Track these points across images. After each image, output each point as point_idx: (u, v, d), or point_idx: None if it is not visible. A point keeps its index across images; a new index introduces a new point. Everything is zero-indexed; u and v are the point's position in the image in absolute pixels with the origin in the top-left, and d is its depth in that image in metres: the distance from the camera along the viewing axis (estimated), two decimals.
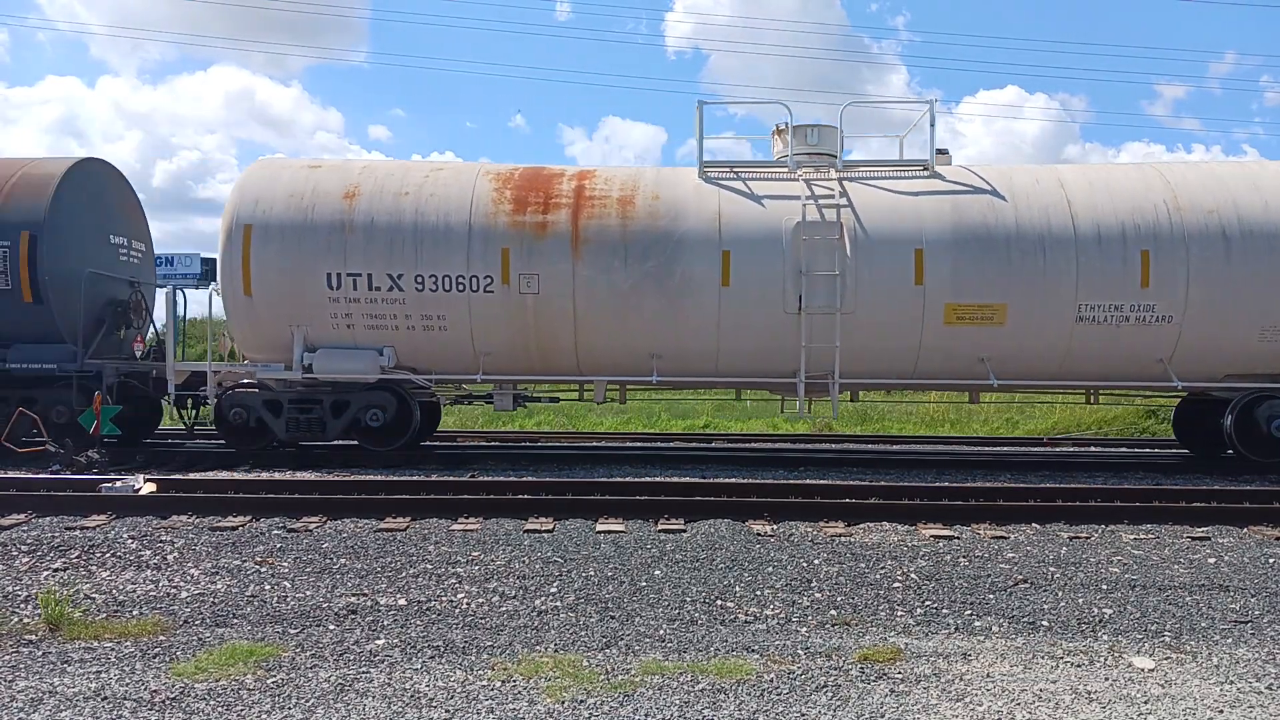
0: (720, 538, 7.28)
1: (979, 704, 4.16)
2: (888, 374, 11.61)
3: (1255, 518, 8.11)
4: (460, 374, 11.67)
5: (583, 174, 11.79)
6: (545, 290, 11.14)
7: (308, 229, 11.28)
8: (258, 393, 11.67)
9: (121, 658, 4.68)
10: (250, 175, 11.84)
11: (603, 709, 4.05)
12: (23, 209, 11.71)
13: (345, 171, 11.81)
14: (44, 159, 12.67)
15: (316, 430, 11.54)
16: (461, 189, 11.51)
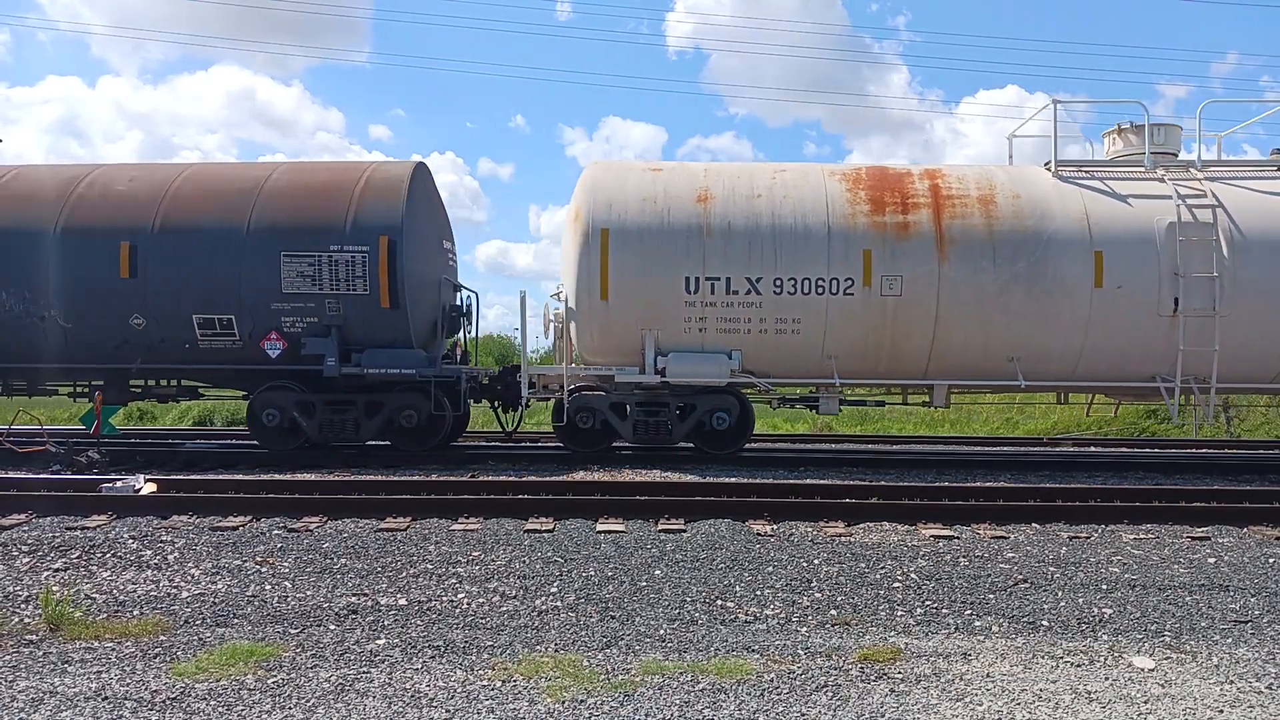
0: (720, 538, 7.28)
1: (979, 704, 4.16)
2: (1262, 378, 11.59)
3: (1255, 518, 8.11)
4: (805, 377, 11.65)
5: (931, 173, 11.82)
6: (908, 292, 11.13)
7: (665, 233, 11.27)
8: (604, 396, 11.70)
9: (122, 658, 4.69)
10: (596, 179, 11.75)
11: (603, 709, 4.05)
12: (380, 213, 11.60)
13: (689, 174, 11.82)
14: (382, 162, 12.53)
15: (663, 433, 11.62)
16: (813, 190, 11.50)
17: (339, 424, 11.69)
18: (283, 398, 11.68)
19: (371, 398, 11.72)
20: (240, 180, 12.03)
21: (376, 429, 11.77)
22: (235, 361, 11.74)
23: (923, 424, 18.99)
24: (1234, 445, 15.44)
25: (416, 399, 11.71)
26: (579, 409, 11.59)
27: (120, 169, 12.53)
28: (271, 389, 11.72)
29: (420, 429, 11.87)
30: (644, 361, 11.36)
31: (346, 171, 12.16)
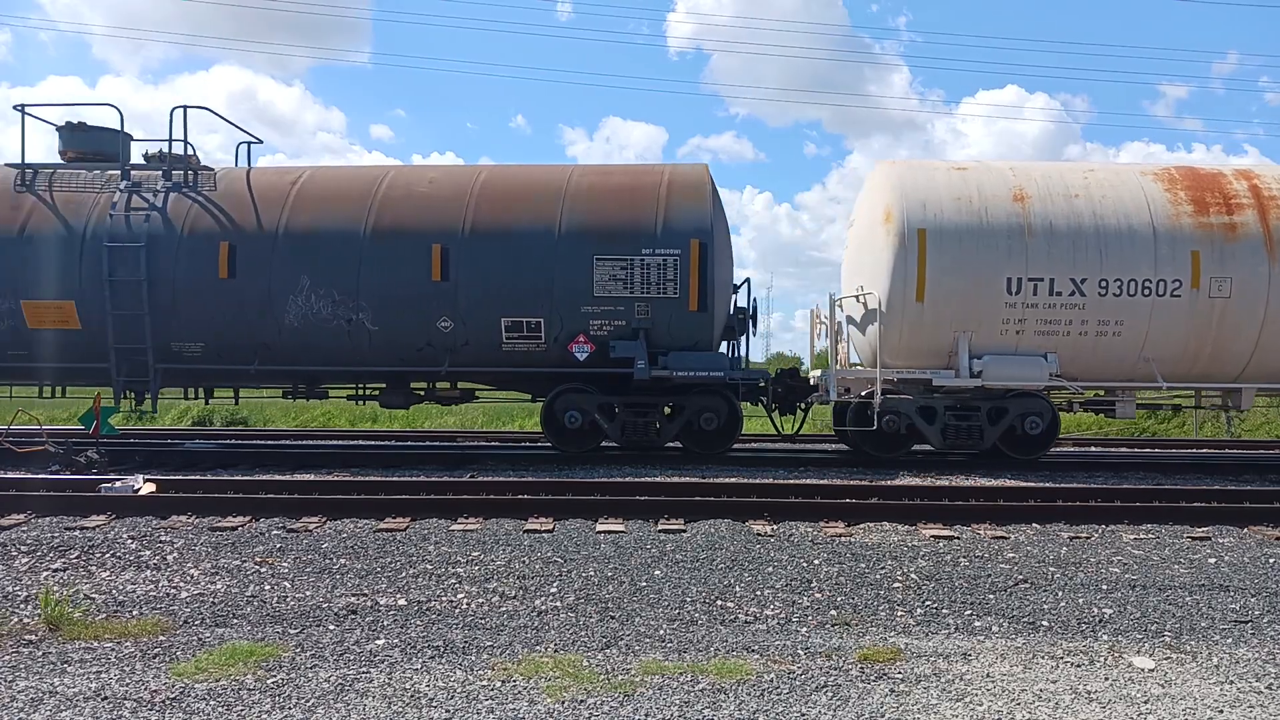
0: (720, 538, 7.28)
1: (979, 704, 4.16)
2: None
3: (1255, 518, 8.11)
4: (1115, 380, 11.56)
5: (1246, 173, 11.81)
6: (1236, 294, 11.10)
7: (984, 232, 11.20)
8: (911, 399, 11.65)
9: (121, 658, 4.68)
10: (904, 178, 11.66)
11: (603, 709, 4.05)
12: (689, 216, 11.57)
13: (998, 173, 11.77)
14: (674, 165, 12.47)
15: (974, 438, 11.55)
16: (1131, 190, 11.48)
17: (640, 426, 11.70)
18: (585, 400, 11.66)
19: (673, 400, 11.72)
20: (543, 182, 11.97)
21: (676, 431, 11.78)
22: (537, 364, 11.70)
23: None
24: (1234, 445, 15.44)
25: (716, 402, 11.72)
26: (885, 412, 11.52)
27: (415, 170, 12.47)
28: (570, 391, 11.69)
29: (718, 432, 11.86)
30: (957, 364, 11.31)
31: (644, 174, 12.11)
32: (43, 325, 11.62)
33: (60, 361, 11.82)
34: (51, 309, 11.57)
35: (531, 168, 12.56)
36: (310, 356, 11.72)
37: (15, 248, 11.57)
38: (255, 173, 12.37)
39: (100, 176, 12.14)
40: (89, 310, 11.54)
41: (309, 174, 12.26)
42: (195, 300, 11.51)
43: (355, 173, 12.44)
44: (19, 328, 11.63)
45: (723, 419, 11.77)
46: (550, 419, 11.84)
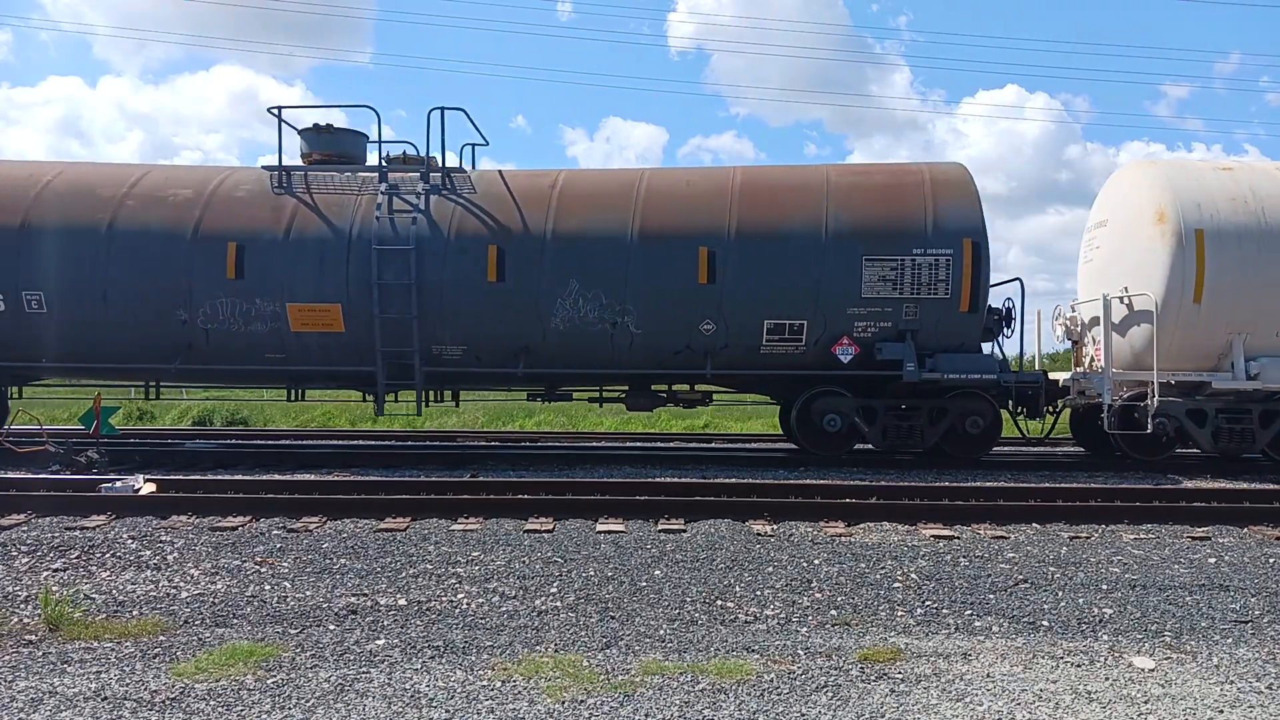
0: (720, 538, 7.28)
1: (979, 704, 4.16)
2: None
3: (1255, 518, 8.11)
4: None
5: None
6: None
7: (1265, 234, 11.24)
8: (1180, 402, 11.63)
9: (121, 658, 4.68)
10: (1173, 178, 11.65)
11: (603, 709, 4.05)
12: (960, 216, 11.46)
13: (1264, 173, 11.79)
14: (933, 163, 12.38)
15: (1246, 441, 11.53)
16: None
17: (904, 430, 11.61)
18: (844, 403, 11.57)
19: (936, 403, 11.61)
20: (803, 183, 11.91)
21: (940, 435, 11.67)
22: (794, 366, 11.65)
23: None
24: None
25: (981, 405, 11.62)
26: (1158, 415, 11.47)
27: (669, 172, 12.44)
28: (827, 394, 11.61)
29: (981, 436, 11.76)
30: (1232, 366, 11.31)
31: (905, 173, 12.02)
32: (306, 328, 11.53)
33: (320, 364, 11.79)
34: (317, 312, 11.48)
35: (786, 169, 12.56)
36: (570, 359, 11.68)
37: (281, 251, 11.48)
38: (510, 175, 12.28)
39: (355, 179, 12.09)
40: (354, 313, 11.45)
41: (565, 176, 12.20)
42: (461, 303, 11.46)
43: (611, 175, 12.45)
44: (282, 330, 11.54)
45: (987, 422, 11.67)
46: (805, 422, 11.73)
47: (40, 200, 11.78)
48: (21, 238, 11.56)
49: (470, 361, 11.70)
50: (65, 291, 11.53)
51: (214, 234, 11.53)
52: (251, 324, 11.49)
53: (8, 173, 12.30)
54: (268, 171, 12.17)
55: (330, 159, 12.48)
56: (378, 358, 11.49)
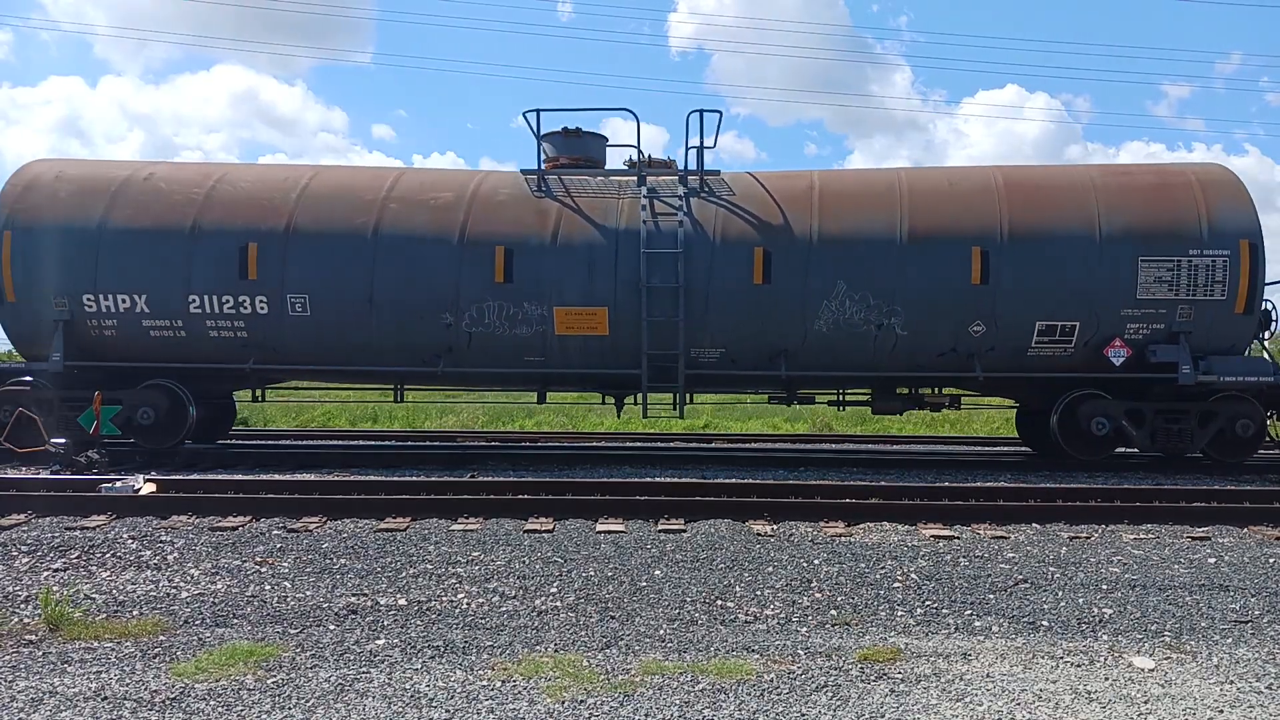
0: (720, 538, 7.28)
1: (979, 704, 4.16)
2: None
3: (1255, 518, 8.11)
4: None
5: None
6: None
7: None
8: None
9: (121, 658, 4.68)
10: None
11: (603, 709, 4.05)
12: (1235, 216, 11.33)
13: None
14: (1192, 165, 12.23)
15: None
16: None
17: (1174, 434, 11.50)
18: (1111, 407, 11.48)
19: (1203, 406, 11.50)
20: (1067, 182, 11.76)
21: (1209, 438, 11.57)
22: (1059, 369, 11.57)
23: (923, 424, 18.97)
24: None
25: (1250, 408, 11.49)
26: None
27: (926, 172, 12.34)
28: (1091, 397, 11.50)
29: (1251, 439, 11.61)
30: None
31: (1170, 174, 11.88)
32: (571, 331, 11.52)
33: (578, 367, 11.78)
34: (584, 315, 11.48)
35: (1045, 169, 12.46)
36: (829, 361, 11.62)
37: (549, 254, 11.47)
38: (764, 177, 12.19)
39: (610, 182, 12.09)
40: (620, 316, 11.44)
41: (820, 177, 12.14)
42: (726, 306, 11.43)
43: (868, 175, 12.39)
44: (546, 333, 11.53)
45: (1257, 425, 11.54)
46: (1067, 425, 11.66)
47: (302, 203, 11.74)
48: (287, 241, 11.55)
49: (726, 364, 11.70)
50: (330, 295, 11.51)
51: (481, 238, 11.52)
52: (516, 327, 11.52)
53: (264, 175, 12.27)
54: (523, 175, 12.17)
55: (578, 162, 12.47)
56: (643, 360, 11.49)
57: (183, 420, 11.79)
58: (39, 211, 11.80)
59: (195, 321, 11.62)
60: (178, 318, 11.63)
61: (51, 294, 11.64)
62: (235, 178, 12.18)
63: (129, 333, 11.71)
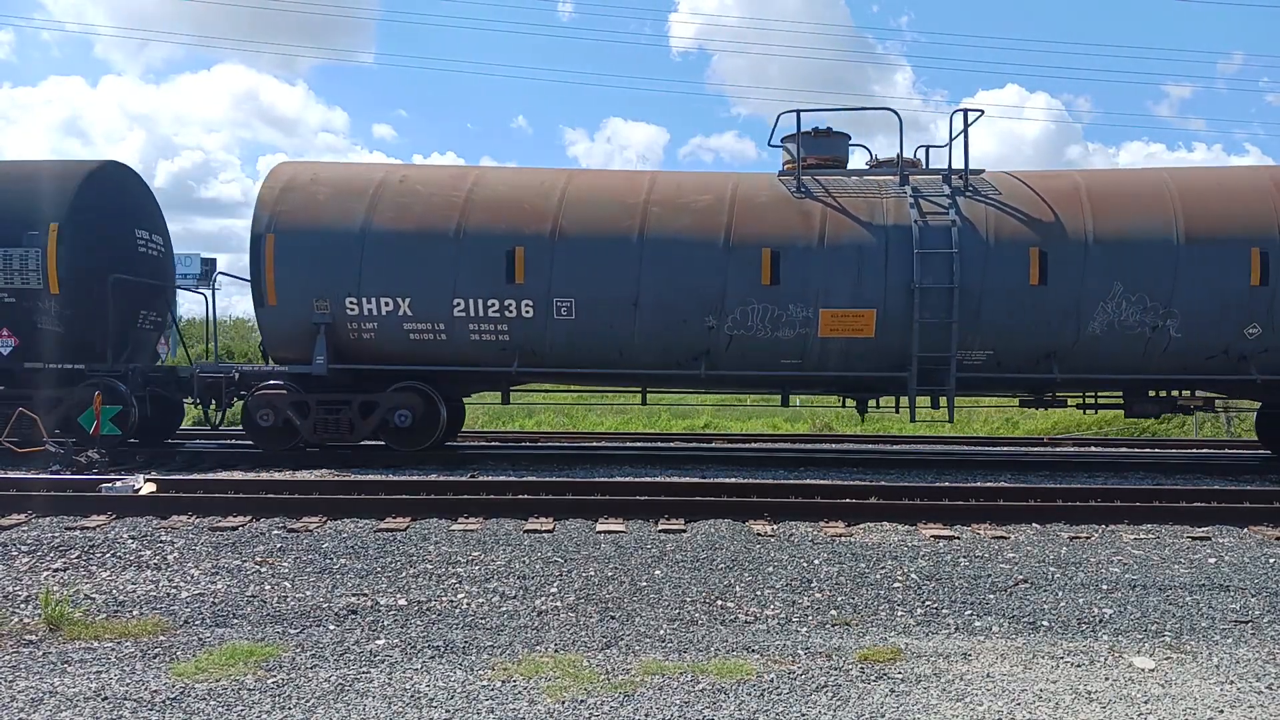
0: (720, 538, 7.28)
1: (979, 704, 4.16)
2: None
3: (1255, 518, 8.11)
4: None
5: None
6: None
7: None
8: None
9: (121, 658, 4.68)
10: None
11: (603, 709, 4.05)
12: None
13: None
14: None
15: None
16: None
17: None
18: None
19: None
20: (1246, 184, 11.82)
21: None
22: None
23: (922, 424, 18.98)
24: (1234, 445, 15.44)
25: None
26: None
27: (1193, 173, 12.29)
28: None
29: None
30: None
31: None
32: (834, 334, 11.42)
33: (835, 370, 11.68)
34: (850, 318, 11.37)
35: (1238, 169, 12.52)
36: (1098, 364, 11.51)
37: (816, 256, 11.38)
38: (1026, 176, 12.10)
39: (868, 182, 12.01)
40: (887, 318, 11.35)
41: (1083, 176, 12.05)
42: (999, 308, 11.28)
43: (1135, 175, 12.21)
44: (809, 336, 11.43)
45: None
46: None
47: (566, 207, 11.67)
48: (554, 245, 11.49)
49: (992, 366, 11.59)
50: (595, 298, 11.46)
51: (746, 240, 11.44)
52: (779, 330, 11.43)
53: (519, 179, 12.27)
54: (779, 177, 12.11)
55: (826, 163, 12.39)
56: (913, 363, 11.37)
57: (435, 422, 11.81)
58: (299, 214, 11.71)
59: (458, 325, 11.54)
60: (440, 321, 11.55)
61: (313, 297, 11.54)
62: (491, 180, 12.13)
63: (389, 336, 11.63)
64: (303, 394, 11.61)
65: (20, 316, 11.64)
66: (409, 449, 11.72)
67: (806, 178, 11.98)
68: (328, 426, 11.61)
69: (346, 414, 11.62)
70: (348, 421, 11.62)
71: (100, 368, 11.91)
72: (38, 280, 11.60)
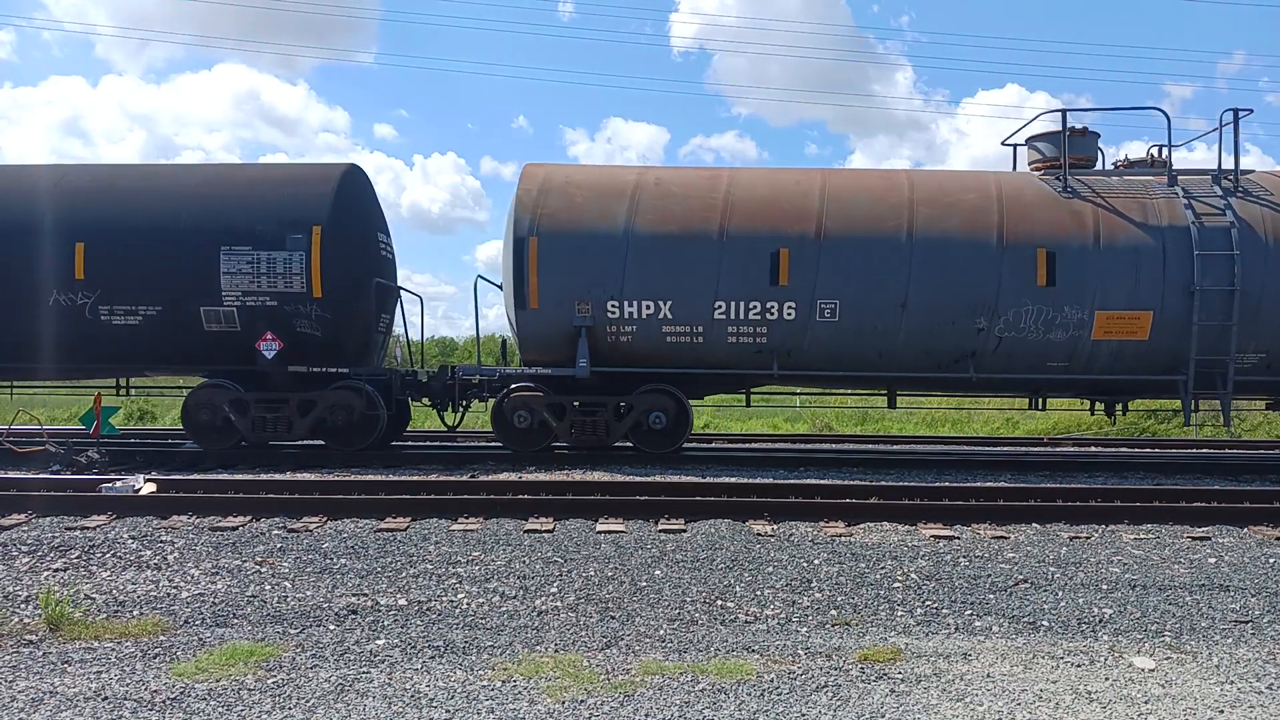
0: (720, 538, 7.28)
1: (979, 704, 4.16)
2: None
3: (1255, 518, 8.11)
4: None
5: None
6: None
7: None
8: None
9: (122, 658, 4.68)
10: None
11: (603, 709, 4.05)
12: None
13: None
14: None
15: None
16: None
17: None
18: None
19: None
20: None
21: None
22: None
23: (923, 424, 18.99)
24: (1234, 445, 15.44)
25: None
26: None
27: None
28: None
29: None
30: None
31: None
32: (1108, 336, 11.37)
33: (1101, 373, 11.67)
34: (1125, 319, 11.32)
35: None
36: None
37: (1093, 257, 11.31)
38: None
39: (1132, 182, 11.95)
40: (1164, 320, 11.28)
41: None
42: (1278, 310, 11.28)
43: None
44: (1080, 338, 11.38)
45: None
46: None
47: (828, 207, 11.59)
48: (819, 246, 11.43)
49: (1262, 369, 11.56)
50: (861, 300, 11.38)
51: (1020, 240, 11.36)
52: (1051, 332, 11.38)
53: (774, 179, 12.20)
54: (1039, 175, 12.06)
55: (1079, 162, 12.34)
56: (1190, 366, 11.30)
57: (686, 423, 11.86)
58: (560, 217, 11.70)
59: (717, 328, 11.54)
60: (699, 323, 11.56)
61: (575, 300, 11.53)
62: (746, 181, 12.07)
63: (646, 339, 11.64)
64: (558, 396, 11.65)
65: (281, 320, 11.58)
66: (658, 451, 11.76)
67: (1070, 177, 11.90)
68: (584, 428, 11.67)
69: (603, 416, 11.66)
70: (604, 423, 11.67)
71: (363, 370, 12.05)
72: (301, 284, 11.51)
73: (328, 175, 12.10)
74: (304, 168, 12.62)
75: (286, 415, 11.64)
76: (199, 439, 11.83)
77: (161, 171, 12.58)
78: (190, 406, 11.76)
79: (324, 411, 11.67)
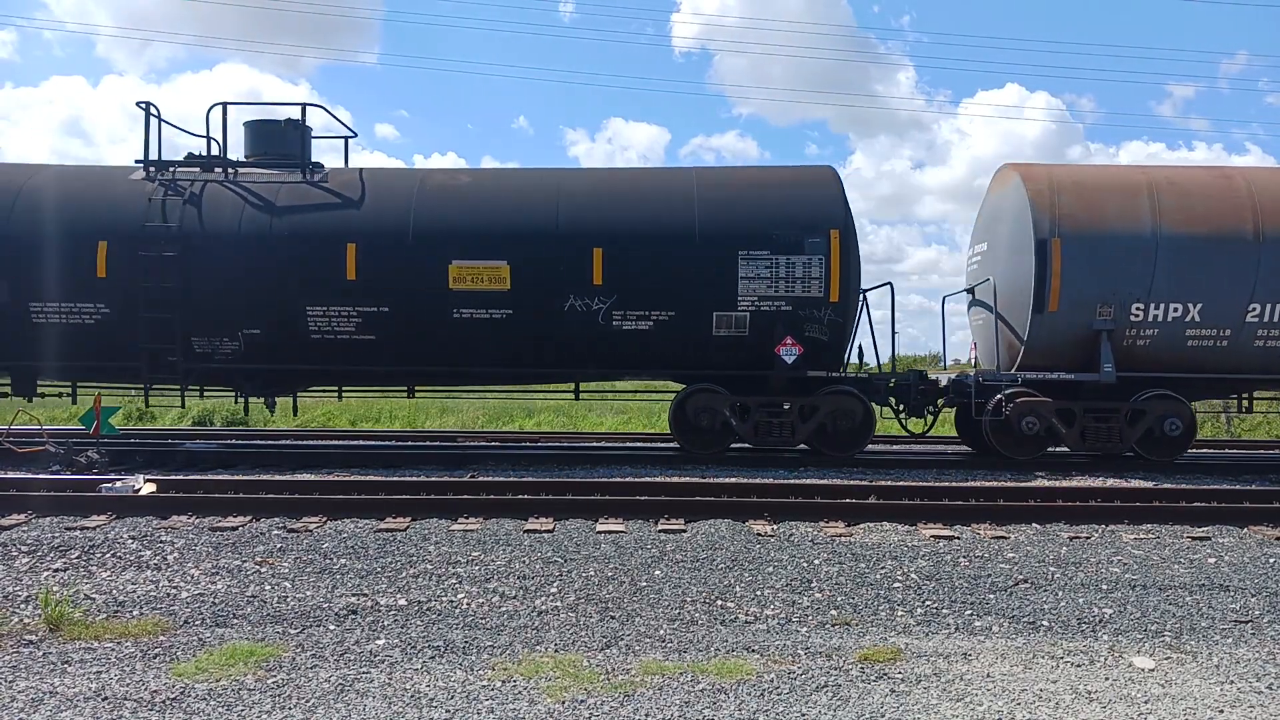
0: (720, 538, 7.28)
1: (979, 704, 4.16)
2: None
3: (1255, 518, 8.11)
4: None
5: None
6: None
7: None
8: None
9: (121, 658, 4.68)
10: None
11: (603, 709, 4.05)
12: None
13: None
14: None
15: None
16: None
17: None
18: None
19: None
20: None
21: None
22: None
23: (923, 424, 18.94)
24: (1234, 445, 15.43)
25: None
26: None
27: None
28: None
29: None
30: None
31: None
32: None
33: None
34: None
35: None
36: None
37: None
38: None
39: None
40: None
41: None
42: None
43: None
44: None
45: None
46: None
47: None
48: None
49: None
50: None
51: None
52: None
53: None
54: None
55: None
56: None
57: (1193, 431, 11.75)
58: (1080, 217, 11.49)
59: (1245, 331, 11.38)
60: (1227, 327, 11.38)
61: (1097, 302, 11.33)
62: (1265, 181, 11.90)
63: (1164, 342, 11.45)
64: (1068, 401, 11.52)
65: (793, 325, 11.46)
66: (1162, 459, 11.60)
67: None
68: (1098, 435, 11.56)
69: (1115, 421, 11.53)
70: (1117, 430, 11.53)
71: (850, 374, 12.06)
72: (819, 288, 11.36)
73: (823, 177, 12.00)
74: (791, 170, 12.42)
75: (790, 420, 11.62)
76: (689, 442, 11.81)
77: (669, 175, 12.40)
78: (690, 410, 11.66)
79: (826, 417, 11.62)
